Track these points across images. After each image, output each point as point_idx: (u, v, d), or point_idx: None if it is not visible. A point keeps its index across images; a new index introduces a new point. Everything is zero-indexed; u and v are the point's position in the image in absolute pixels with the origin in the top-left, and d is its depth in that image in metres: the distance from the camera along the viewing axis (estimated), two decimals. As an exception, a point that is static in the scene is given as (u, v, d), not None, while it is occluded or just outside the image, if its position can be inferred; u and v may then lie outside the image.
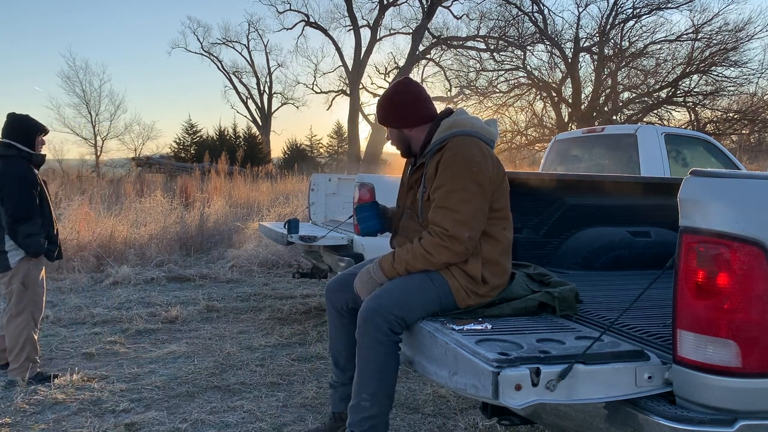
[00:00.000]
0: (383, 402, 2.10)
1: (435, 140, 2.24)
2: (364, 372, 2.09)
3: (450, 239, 2.07)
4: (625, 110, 23.00)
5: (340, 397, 2.52)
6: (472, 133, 2.21)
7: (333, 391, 2.58)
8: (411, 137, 2.34)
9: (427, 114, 2.33)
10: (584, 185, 3.23)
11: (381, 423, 2.11)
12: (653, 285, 1.64)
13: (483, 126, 2.27)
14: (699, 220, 1.47)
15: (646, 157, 5.41)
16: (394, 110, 2.34)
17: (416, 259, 2.12)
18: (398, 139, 2.37)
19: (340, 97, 29.93)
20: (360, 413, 2.09)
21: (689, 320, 1.48)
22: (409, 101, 2.33)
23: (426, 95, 2.37)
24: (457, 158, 2.11)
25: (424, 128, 2.31)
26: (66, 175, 17.14)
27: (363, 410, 2.08)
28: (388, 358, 2.06)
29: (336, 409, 2.57)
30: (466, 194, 2.08)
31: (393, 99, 2.35)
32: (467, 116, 2.28)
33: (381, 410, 2.09)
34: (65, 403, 3.19)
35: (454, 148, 2.14)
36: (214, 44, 35.44)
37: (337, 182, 5.67)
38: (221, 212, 9.68)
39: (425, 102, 2.35)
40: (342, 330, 2.47)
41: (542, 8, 23.64)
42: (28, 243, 3.45)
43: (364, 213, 2.49)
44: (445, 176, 2.11)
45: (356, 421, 2.09)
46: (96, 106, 31.92)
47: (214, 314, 5.24)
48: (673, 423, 1.43)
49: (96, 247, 7.23)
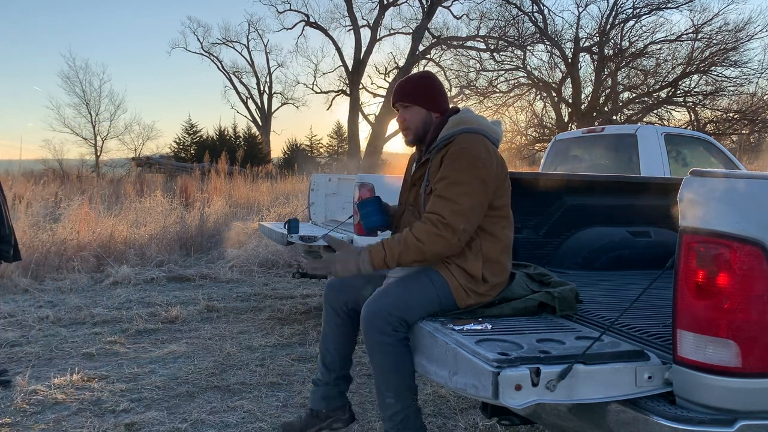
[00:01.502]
0: (406, 395, 2.10)
1: (442, 136, 2.24)
2: (380, 372, 2.10)
3: (445, 227, 2.04)
4: (625, 110, 23.01)
5: (322, 396, 2.47)
6: (479, 130, 2.21)
7: (315, 388, 2.52)
8: (433, 123, 2.32)
9: (446, 106, 2.35)
10: (584, 185, 3.23)
11: (411, 413, 2.11)
12: (653, 285, 1.64)
13: (489, 125, 2.28)
14: (699, 220, 1.47)
15: (646, 157, 5.41)
16: (427, 90, 2.33)
17: (408, 249, 2.05)
18: (422, 121, 2.32)
19: (340, 97, 29.92)
20: (388, 410, 2.10)
21: (689, 320, 1.48)
22: (440, 87, 2.37)
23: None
24: (463, 152, 2.11)
25: (441, 119, 2.31)
26: (66, 175, 17.13)
27: (389, 407, 2.10)
28: (399, 355, 2.06)
29: (314, 406, 2.50)
30: (468, 188, 2.07)
31: (426, 80, 2.36)
32: (474, 115, 2.29)
33: (407, 403, 2.10)
34: (65, 403, 3.19)
35: (461, 143, 2.14)
36: (214, 44, 35.45)
37: (337, 182, 5.67)
38: (221, 212, 9.68)
39: (447, 96, 2.40)
40: (335, 330, 2.44)
41: (542, 8, 23.66)
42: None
43: (367, 208, 2.47)
44: (449, 169, 2.11)
45: (387, 417, 2.11)
46: (96, 106, 32.00)
47: (214, 314, 5.24)
48: (673, 423, 1.43)
49: (96, 247, 7.23)
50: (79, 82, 34.27)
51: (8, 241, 3.62)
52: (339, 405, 2.49)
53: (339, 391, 2.50)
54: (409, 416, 2.10)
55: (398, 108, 2.36)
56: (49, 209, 8.76)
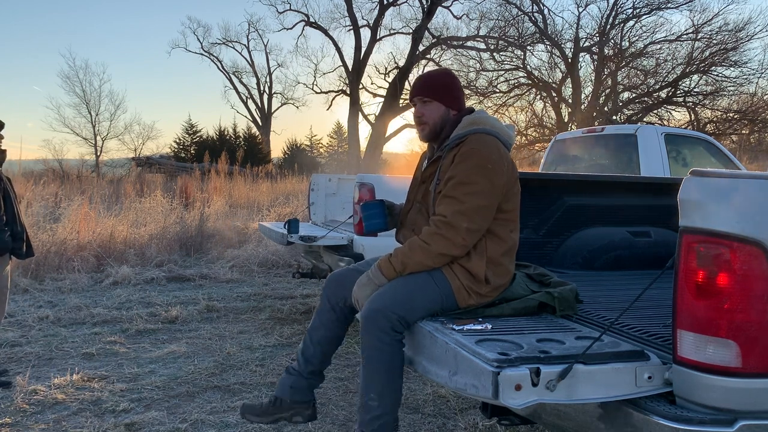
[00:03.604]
0: (390, 401, 2.08)
1: (455, 135, 2.24)
2: (370, 372, 2.08)
3: (446, 226, 2.05)
4: (625, 110, 22.98)
5: (290, 385, 2.39)
6: (492, 132, 2.21)
7: (287, 375, 2.43)
8: (450, 121, 2.32)
9: (463, 106, 2.36)
10: (584, 185, 3.23)
11: (389, 421, 2.09)
12: (653, 285, 1.64)
13: (503, 128, 2.27)
14: (699, 220, 1.47)
15: (646, 157, 5.41)
16: (448, 87, 2.34)
17: (413, 250, 2.10)
18: (440, 117, 2.31)
19: (340, 97, 29.89)
20: (368, 413, 2.07)
21: (689, 320, 1.48)
22: (460, 86, 2.38)
23: None
24: (474, 153, 2.11)
25: (456, 118, 2.31)
26: (66, 175, 17.13)
27: (371, 410, 2.07)
28: (393, 357, 2.05)
29: (279, 394, 2.41)
30: (475, 188, 2.07)
31: (448, 78, 2.37)
32: (488, 116, 2.28)
33: (388, 409, 2.08)
34: (65, 403, 3.19)
35: (472, 143, 2.14)
36: (214, 44, 35.47)
37: (337, 182, 5.67)
38: (221, 212, 9.68)
39: (464, 95, 2.40)
40: (326, 324, 2.40)
41: (542, 8, 23.62)
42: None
43: (370, 211, 2.48)
44: (458, 168, 2.11)
45: (365, 420, 2.08)
46: (96, 106, 31.97)
47: (214, 314, 5.24)
48: (673, 423, 1.43)
49: (96, 247, 7.23)
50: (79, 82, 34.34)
51: (21, 238, 3.65)
52: (304, 399, 2.41)
53: (309, 386, 2.42)
54: (388, 423, 2.07)
55: (416, 102, 2.35)
56: (49, 209, 8.77)
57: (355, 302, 2.23)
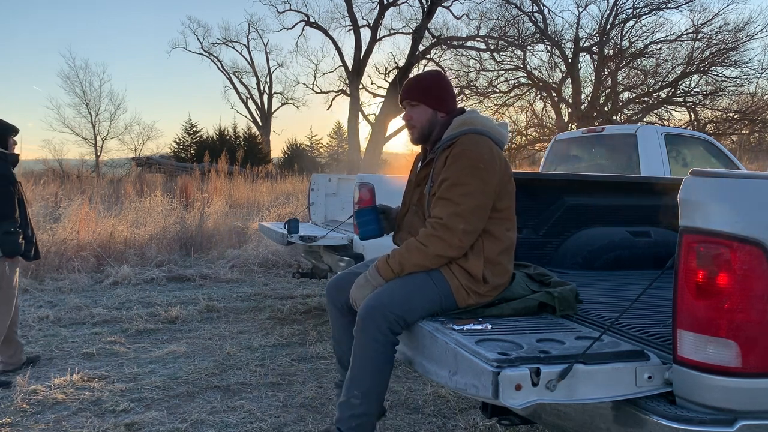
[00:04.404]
0: (373, 402, 2.08)
1: (446, 136, 2.24)
2: (359, 370, 2.08)
3: (442, 228, 2.06)
4: (625, 110, 22.98)
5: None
6: (484, 132, 2.21)
7: (337, 390, 2.52)
8: (439, 123, 2.32)
9: (453, 107, 2.35)
10: (584, 185, 3.23)
11: (368, 423, 2.08)
12: (653, 285, 1.64)
13: (494, 126, 2.27)
14: (699, 220, 1.47)
15: (646, 157, 5.41)
16: (435, 90, 2.33)
17: (410, 252, 2.12)
18: (428, 120, 2.32)
19: (340, 97, 29.89)
20: (348, 410, 2.07)
21: (689, 320, 1.48)
22: (449, 87, 2.37)
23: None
24: (465, 153, 2.11)
25: (447, 120, 2.31)
26: (66, 175, 17.13)
27: (352, 408, 2.06)
28: (384, 358, 2.05)
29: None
30: (469, 188, 2.08)
31: (435, 80, 2.36)
32: (479, 116, 2.28)
33: (369, 410, 2.08)
34: (65, 403, 3.19)
35: (464, 144, 2.15)
36: (214, 44, 35.50)
37: (337, 182, 5.67)
38: (221, 212, 9.68)
39: (455, 96, 2.39)
40: (345, 328, 2.44)
41: (542, 8, 23.63)
42: (4, 241, 3.45)
43: (363, 218, 2.49)
44: (451, 170, 2.12)
45: (344, 418, 2.07)
46: (96, 106, 31.99)
47: (214, 314, 5.24)
48: (673, 423, 1.43)
49: (96, 247, 7.23)
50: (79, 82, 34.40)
51: (31, 241, 3.71)
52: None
53: None
54: (365, 425, 2.07)
55: (405, 106, 2.37)
56: (49, 209, 8.77)
57: (353, 303, 2.24)
